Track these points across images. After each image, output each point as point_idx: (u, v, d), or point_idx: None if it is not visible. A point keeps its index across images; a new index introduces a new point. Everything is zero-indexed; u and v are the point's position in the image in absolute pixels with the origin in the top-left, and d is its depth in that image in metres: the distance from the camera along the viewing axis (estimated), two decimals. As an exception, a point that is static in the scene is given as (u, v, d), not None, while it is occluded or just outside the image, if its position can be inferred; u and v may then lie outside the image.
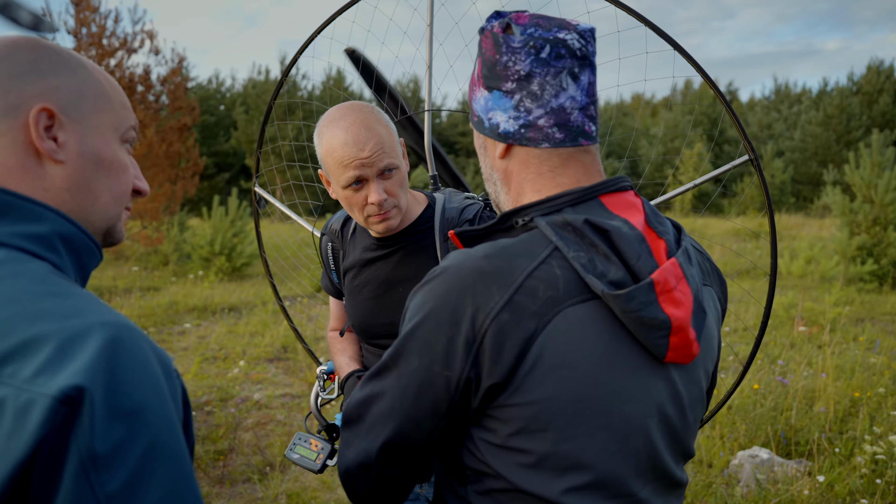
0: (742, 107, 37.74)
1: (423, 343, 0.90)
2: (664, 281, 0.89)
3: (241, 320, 7.85)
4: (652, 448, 0.94)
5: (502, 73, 0.97)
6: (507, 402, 0.88)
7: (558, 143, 0.97)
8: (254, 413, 4.83)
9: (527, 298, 0.87)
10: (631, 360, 0.91)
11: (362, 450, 0.97)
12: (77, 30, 12.84)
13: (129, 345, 0.66)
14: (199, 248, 11.24)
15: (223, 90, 35.07)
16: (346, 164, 1.46)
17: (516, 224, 0.96)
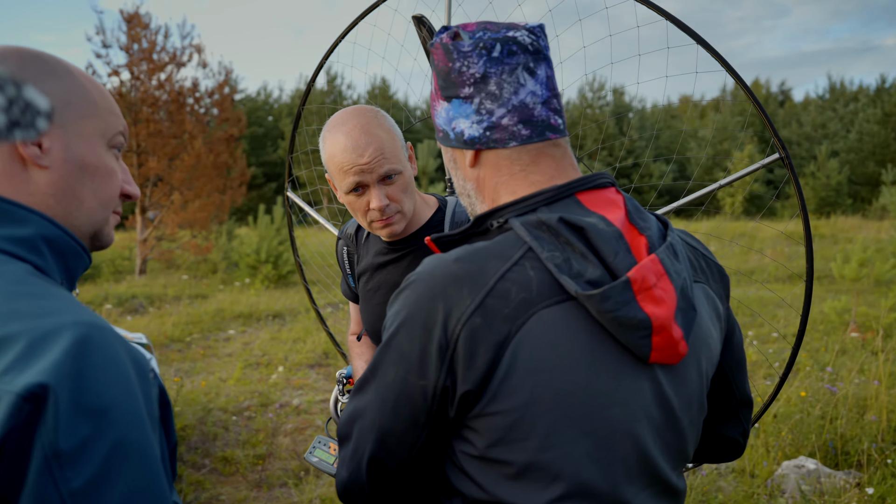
0: (796, 106, 36.68)
1: (398, 353, 0.88)
2: (642, 279, 0.85)
3: (285, 327, 7.97)
4: (642, 453, 0.91)
5: (458, 80, 0.95)
6: (484, 410, 0.85)
7: (525, 139, 0.95)
8: (292, 418, 4.88)
9: (499, 302, 0.84)
10: (613, 363, 0.87)
11: (353, 469, 0.96)
12: (129, 45, 13.28)
13: (99, 344, 0.67)
14: (245, 257, 11.46)
15: (271, 101, 35.78)
16: (347, 169, 1.45)
17: (491, 226, 0.94)
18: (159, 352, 6.88)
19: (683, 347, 0.90)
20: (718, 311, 1.05)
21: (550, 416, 0.85)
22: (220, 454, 4.24)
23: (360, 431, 0.94)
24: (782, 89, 40.61)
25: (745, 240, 13.58)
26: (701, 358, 0.98)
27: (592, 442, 0.87)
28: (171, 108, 13.62)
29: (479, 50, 0.93)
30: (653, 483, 0.94)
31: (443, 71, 0.97)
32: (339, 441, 1.00)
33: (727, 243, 12.82)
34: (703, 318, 0.99)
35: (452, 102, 0.97)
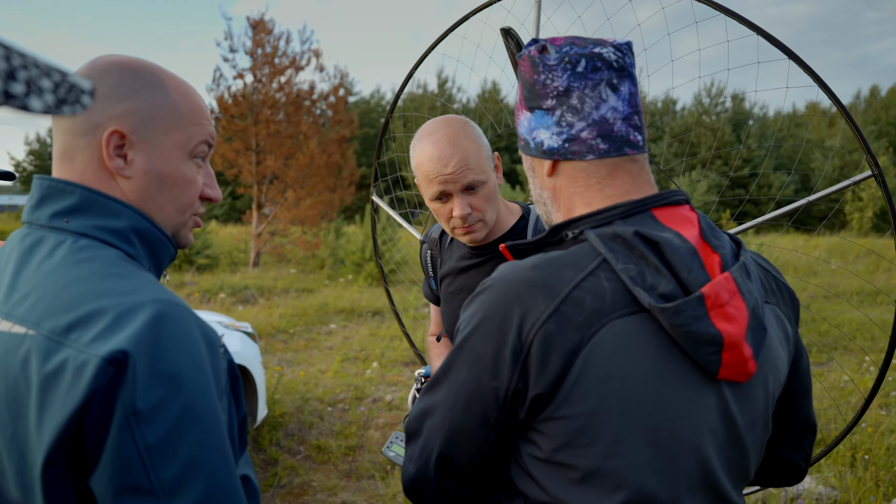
0: (940, 116, 33.66)
1: (472, 355, 0.91)
2: (715, 295, 0.86)
3: (384, 324, 8.19)
4: (705, 468, 0.91)
5: (541, 92, 0.98)
6: (553, 414, 0.87)
7: (603, 153, 0.97)
8: (384, 413, 5.03)
9: (573, 309, 0.86)
10: (681, 377, 0.88)
11: (421, 464, 0.99)
12: (253, 50, 14.06)
13: (174, 319, 0.77)
14: (351, 254, 11.86)
15: (383, 104, 36.80)
16: (432, 178, 1.51)
17: (566, 237, 0.96)
18: (265, 341, 7.25)
19: (753, 366, 0.90)
20: (788, 333, 1.04)
21: (617, 425, 0.86)
22: (314, 442, 4.43)
23: (430, 428, 0.97)
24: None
25: (873, 258, 12.64)
26: (768, 378, 0.98)
27: (657, 453, 0.87)
28: (289, 110, 14.30)
29: (564, 64, 0.96)
30: (713, 499, 0.94)
31: (528, 82, 1.01)
32: (406, 437, 1.03)
33: (851, 261, 11.98)
34: (772, 338, 0.98)
35: (535, 113, 1.00)
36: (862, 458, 3.91)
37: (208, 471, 0.75)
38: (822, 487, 3.67)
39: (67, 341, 0.75)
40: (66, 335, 0.76)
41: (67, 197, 0.87)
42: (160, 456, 0.72)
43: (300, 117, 14.35)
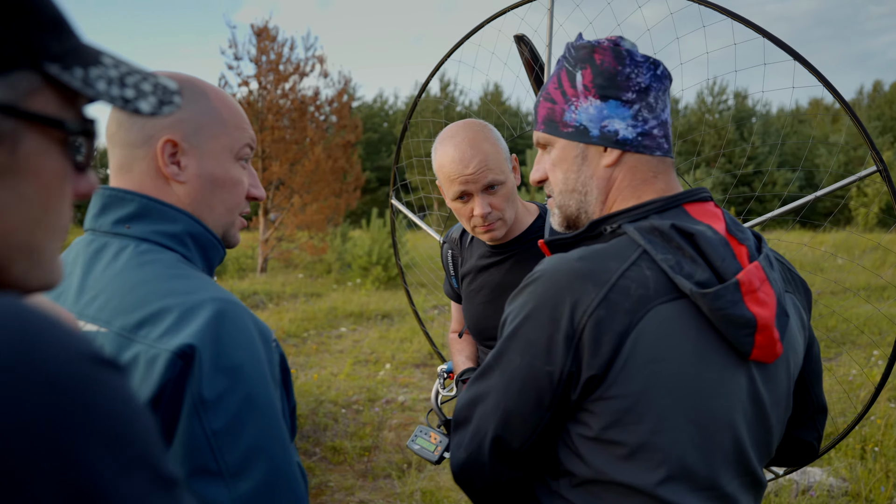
0: (944, 110, 33.56)
1: (525, 342, 0.96)
2: (749, 281, 0.93)
3: (393, 327, 8.25)
4: (738, 443, 0.98)
5: (623, 84, 1.03)
6: (604, 394, 0.93)
7: (665, 152, 1.06)
8: (397, 414, 5.09)
9: (620, 296, 0.92)
10: (718, 357, 0.95)
11: (473, 449, 1.04)
12: (258, 58, 14.15)
13: (232, 316, 0.84)
14: (358, 258, 11.93)
15: (386, 108, 36.89)
16: (453, 178, 1.58)
17: (604, 231, 1.03)
18: (277, 345, 7.31)
19: (780, 348, 0.97)
20: (803, 320, 1.12)
21: (662, 403, 0.93)
22: (329, 444, 4.49)
23: (482, 414, 1.02)
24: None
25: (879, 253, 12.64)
26: (790, 360, 1.06)
27: (696, 429, 0.94)
28: (294, 116, 14.39)
29: (649, 63, 1.04)
30: (743, 473, 1.01)
31: (608, 71, 1.04)
32: (455, 425, 1.08)
33: (857, 256, 12.00)
34: (792, 324, 1.06)
35: (609, 103, 1.04)
36: (872, 450, 3.96)
37: (269, 455, 0.81)
38: (833, 479, 3.72)
39: (137, 337, 0.82)
40: (136, 332, 0.82)
41: (128, 205, 0.94)
42: (225, 441, 0.79)
43: (305, 123, 14.44)
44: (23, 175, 0.45)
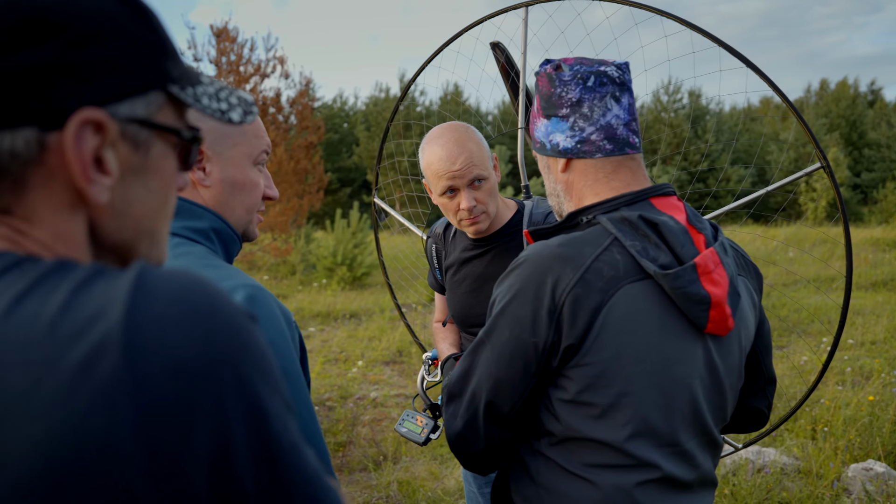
0: (887, 107, 34.89)
1: (513, 318, 1.10)
2: (704, 264, 1.08)
3: (361, 326, 8.33)
4: (695, 406, 1.13)
5: (557, 102, 1.18)
6: (580, 362, 1.08)
7: (609, 152, 1.17)
8: (370, 410, 5.18)
9: (594, 277, 1.07)
10: (678, 330, 1.09)
11: (469, 417, 1.17)
12: (218, 59, 14.05)
13: (261, 299, 0.95)
14: (323, 259, 11.95)
15: (346, 108, 36.77)
16: (441, 175, 1.71)
17: (581, 221, 1.18)
18: (246, 346, 7.32)
19: (732, 323, 1.12)
20: (754, 300, 1.27)
21: (630, 369, 1.07)
22: (304, 440, 4.56)
23: (476, 383, 1.16)
24: (872, 89, 38.75)
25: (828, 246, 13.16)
26: (741, 334, 1.20)
27: (659, 392, 1.09)
28: (255, 117, 14.29)
29: (576, 80, 1.16)
30: (700, 433, 1.16)
31: (545, 94, 1.20)
32: (448, 398, 1.22)
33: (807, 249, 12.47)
34: (744, 303, 1.21)
35: (552, 120, 1.20)
36: (822, 430, 4.20)
37: (298, 414, 0.92)
38: (786, 457, 3.94)
39: None
40: None
41: None
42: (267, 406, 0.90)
43: (266, 125, 14.38)
44: (151, 173, 0.56)
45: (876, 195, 25.75)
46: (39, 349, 0.41)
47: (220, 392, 0.43)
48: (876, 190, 26.48)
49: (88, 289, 0.44)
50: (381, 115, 31.69)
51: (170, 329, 0.43)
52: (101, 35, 0.51)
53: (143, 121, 0.54)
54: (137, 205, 0.55)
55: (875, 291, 9.52)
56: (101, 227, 0.54)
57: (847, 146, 30.93)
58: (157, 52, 0.55)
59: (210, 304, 0.45)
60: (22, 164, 0.48)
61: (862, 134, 32.12)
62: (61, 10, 0.49)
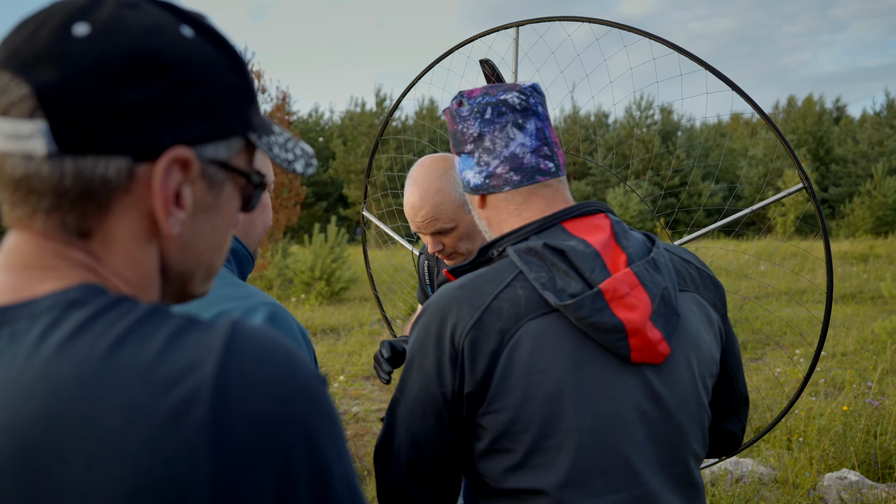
0: (852, 123, 35.81)
1: (419, 370, 1.05)
2: (614, 289, 0.99)
3: (340, 341, 8.31)
4: (637, 445, 1.01)
5: (461, 139, 1.15)
6: (488, 409, 1.01)
7: (517, 184, 1.11)
8: (352, 425, 5.18)
9: (492, 317, 1.00)
10: (598, 364, 1.00)
11: (394, 479, 1.10)
12: (193, 73, 13.97)
13: (281, 317, 1.00)
14: (300, 274, 11.90)
15: (322, 122, 36.74)
16: (409, 219, 1.74)
17: (493, 255, 1.12)
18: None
19: (664, 348, 1.02)
20: (710, 317, 1.16)
21: (544, 411, 0.99)
22: (286, 456, 4.54)
23: (396, 445, 1.09)
24: (837, 106, 39.72)
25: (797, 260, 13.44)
26: (691, 358, 1.08)
27: (584, 434, 0.99)
28: (231, 132, 14.23)
29: (474, 114, 1.11)
30: (657, 473, 1.04)
31: (451, 132, 1.17)
32: (375, 466, 1.15)
33: (778, 263, 12.73)
34: (690, 322, 1.10)
35: (461, 157, 1.16)
36: (797, 440, 4.29)
37: None
38: (763, 467, 4.03)
39: None
40: None
41: None
42: None
43: (243, 139, 14.31)
44: (218, 212, 0.59)
45: (843, 209, 26.36)
46: (136, 393, 0.43)
47: (291, 452, 0.47)
48: (843, 204, 27.11)
49: (183, 339, 0.47)
50: (357, 129, 31.73)
51: (254, 388, 0.46)
52: (202, 80, 0.54)
53: (223, 163, 0.57)
54: (202, 240, 0.59)
55: (844, 304, 9.74)
56: (168, 257, 0.57)
57: (814, 162, 31.62)
58: (245, 101, 0.59)
59: (291, 369, 0.49)
60: (110, 189, 0.51)
61: (829, 150, 32.89)
62: (173, 55, 0.52)
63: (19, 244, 0.53)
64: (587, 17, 1.96)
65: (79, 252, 0.53)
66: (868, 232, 23.58)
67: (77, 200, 0.51)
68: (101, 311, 0.49)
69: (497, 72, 2.18)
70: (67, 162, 0.50)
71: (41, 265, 0.52)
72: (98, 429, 0.42)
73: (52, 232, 0.52)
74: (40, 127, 0.49)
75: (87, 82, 0.49)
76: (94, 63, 0.49)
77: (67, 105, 0.49)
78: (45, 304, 0.49)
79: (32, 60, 0.49)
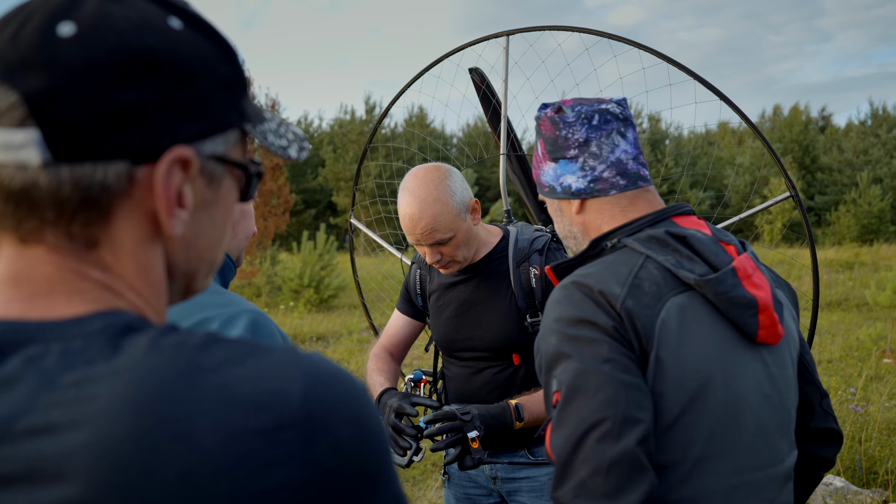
0: (837, 132, 36.21)
1: (592, 351, 0.99)
2: (743, 268, 1.05)
3: (329, 348, 8.28)
4: (761, 427, 1.05)
5: (564, 144, 1.17)
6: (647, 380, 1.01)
7: (623, 188, 1.16)
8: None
9: (639, 292, 1.02)
10: (730, 342, 1.05)
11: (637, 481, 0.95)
12: (182, 80, 13.93)
13: (263, 324, 1.00)
14: (289, 281, 11.87)
15: (311, 130, 36.66)
16: (407, 231, 1.74)
17: (605, 247, 1.14)
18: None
19: (782, 329, 1.08)
20: (793, 312, 1.23)
21: (691, 387, 1.01)
22: (274, 464, 4.52)
23: (617, 434, 0.95)
24: (823, 115, 40.15)
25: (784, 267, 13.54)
26: (790, 345, 1.16)
27: (720, 411, 1.02)
28: (220, 139, 14.20)
29: (581, 120, 1.16)
30: (772, 461, 1.07)
31: (550, 138, 1.19)
32: (560, 473, 0.99)
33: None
34: (786, 313, 1.16)
35: (560, 162, 1.18)
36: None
37: None
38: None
39: None
40: None
41: None
42: None
43: (232, 146, 14.27)
44: (218, 206, 0.58)
45: (829, 217, 26.60)
46: (228, 414, 0.44)
47: (365, 476, 0.49)
48: (829, 213, 27.35)
49: (259, 364, 0.48)
50: (347, 137, 31.72)
51: (332, 412, 0.48)
52: (196, 75, 0.52)
53: (221, 158, 0.56)
54: (204, 236, 0.58)
55: (830, 311, 9.82)
56: (172, 258, 0.56)
57: (800, 170, 31.92)
58: (239, 91, 0.57)
59: (354, 393, 0.50)
60: (111, 195, 0.50)
61: (814, 158, 33.22)
62: (165, 51, 0.50)
63: (32, 261, 0.51)
64: (578, 27, 1.98)
65: (94, 269, 0.52)
66: (853, 240, 23.80)
67: (78, 209, 0.50)
68: (161, 335, 0.49)
69: (486, 81, 2.20)
70: (64, 170, 0.48)
71: (64, 283, 0.51)
72: (193, 447, 0.43)
73: (62, 244, 0.51)
74: (32, 136, 0.47)
75: (78, 86, 0.47)
76: (85, 65, 0.47)
77: (60, 111, 0.47)
78: (97, 324, 0.49)
79: (18, 66, 0.47)
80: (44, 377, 0.46)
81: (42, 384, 0.45)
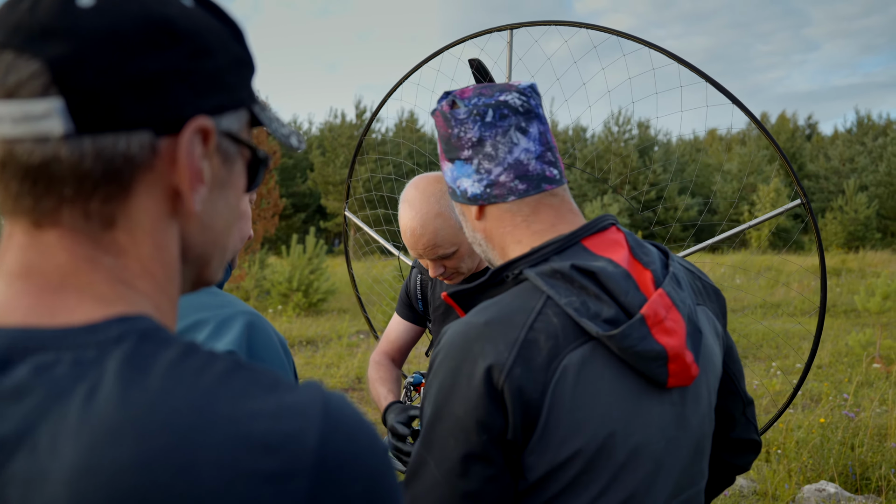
0: (823, 140, 36.56)
1: (452, 422, 0.92)
2: (654, 313, 0.93)
3: (318, 352, 8.23)
4: (658, 475, 0.97)
5: (457, 144, 1.03)
6: (533, 449, 0.92)
7: (522, 193, 1.02)
8: (330, 438, 5.12)
9: (531, 352, 0.90)
10: (634, 392, 0.95)
11: None
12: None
13: (259, 326, 0.97)
14: (278, 285, 11.79)
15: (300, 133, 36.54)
16: (409, 245, 1.70)
17: (507, 278, 1.01)
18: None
19: (696, 370, 0.97)
20: (717, 329, 1.13)
21: (588, 448, 0.92)
22: (263, 470, 4.47)
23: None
24: (809, 123, 40.52)
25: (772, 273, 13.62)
26: (709, 374, 1.06)
27: (619, 469, 0.94)
28: (209, 141, 14.13)
29: (473, 116, 1.01)
30: (670, 501, 1.00)
31: (444, 136, 1.06)
32: None
33: (753, 276, 12.88)
34: (707, 337, 1.06)
35: (455, 164, 1.05)
36: (775, 452, 4.32)
37: None
38: (743, 480, 4.04)
39: None
40: None
41: None
42: None
43: (221, 148, 14.20)
44: (231, 188, 0.57)
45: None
46: (235, 453, 0.42)
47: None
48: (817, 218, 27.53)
49: (279, 401, 0.45)
50: (337, 141, 31.65)
51: (347, 467, 0.45)
52: (212, 49, 0.52)
53: (235, 136, 0.55)
54: (219, 218, 0.57)
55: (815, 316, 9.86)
56: (188, 239, 0.55)
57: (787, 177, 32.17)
58: (249, 71, 0.57)
59: (374, 450, 0.48)
60: (134, 167, 0.49)
61: (801, 166, 33.48)
62: (183, 23, 0.50)
63: (44, 249, 0.49)
64: (586, 23, 1.94)
65: (107, 256, 0.50)
66: (840, 246, 23.99)
67: (99, 183, 0.48)
68: (184, 355, 0.46)
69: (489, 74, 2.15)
70: (87, 141, 0.47)
71: (76, 274, 0.49)
72: (194, 484, 0.41)
73: (78, 225, 0.49)
74: (56, 105, 0.46)
75: (103, 52, 0.46)
76: (109, 32, 0.47)
77: (84, 78, 0.46)
78: (112, 332, 0.46)
79: (39, 35, 0.46)
80: (54, 389, 0.43)
81: (51, 397, 0.43)
